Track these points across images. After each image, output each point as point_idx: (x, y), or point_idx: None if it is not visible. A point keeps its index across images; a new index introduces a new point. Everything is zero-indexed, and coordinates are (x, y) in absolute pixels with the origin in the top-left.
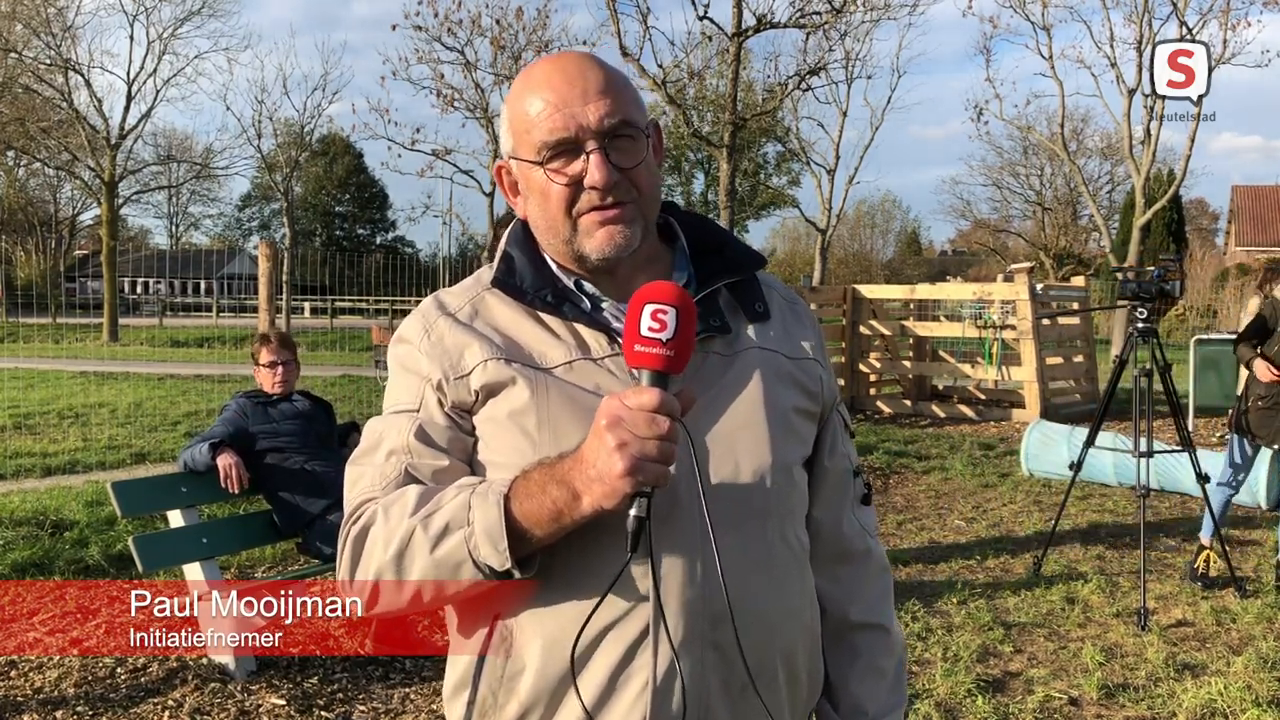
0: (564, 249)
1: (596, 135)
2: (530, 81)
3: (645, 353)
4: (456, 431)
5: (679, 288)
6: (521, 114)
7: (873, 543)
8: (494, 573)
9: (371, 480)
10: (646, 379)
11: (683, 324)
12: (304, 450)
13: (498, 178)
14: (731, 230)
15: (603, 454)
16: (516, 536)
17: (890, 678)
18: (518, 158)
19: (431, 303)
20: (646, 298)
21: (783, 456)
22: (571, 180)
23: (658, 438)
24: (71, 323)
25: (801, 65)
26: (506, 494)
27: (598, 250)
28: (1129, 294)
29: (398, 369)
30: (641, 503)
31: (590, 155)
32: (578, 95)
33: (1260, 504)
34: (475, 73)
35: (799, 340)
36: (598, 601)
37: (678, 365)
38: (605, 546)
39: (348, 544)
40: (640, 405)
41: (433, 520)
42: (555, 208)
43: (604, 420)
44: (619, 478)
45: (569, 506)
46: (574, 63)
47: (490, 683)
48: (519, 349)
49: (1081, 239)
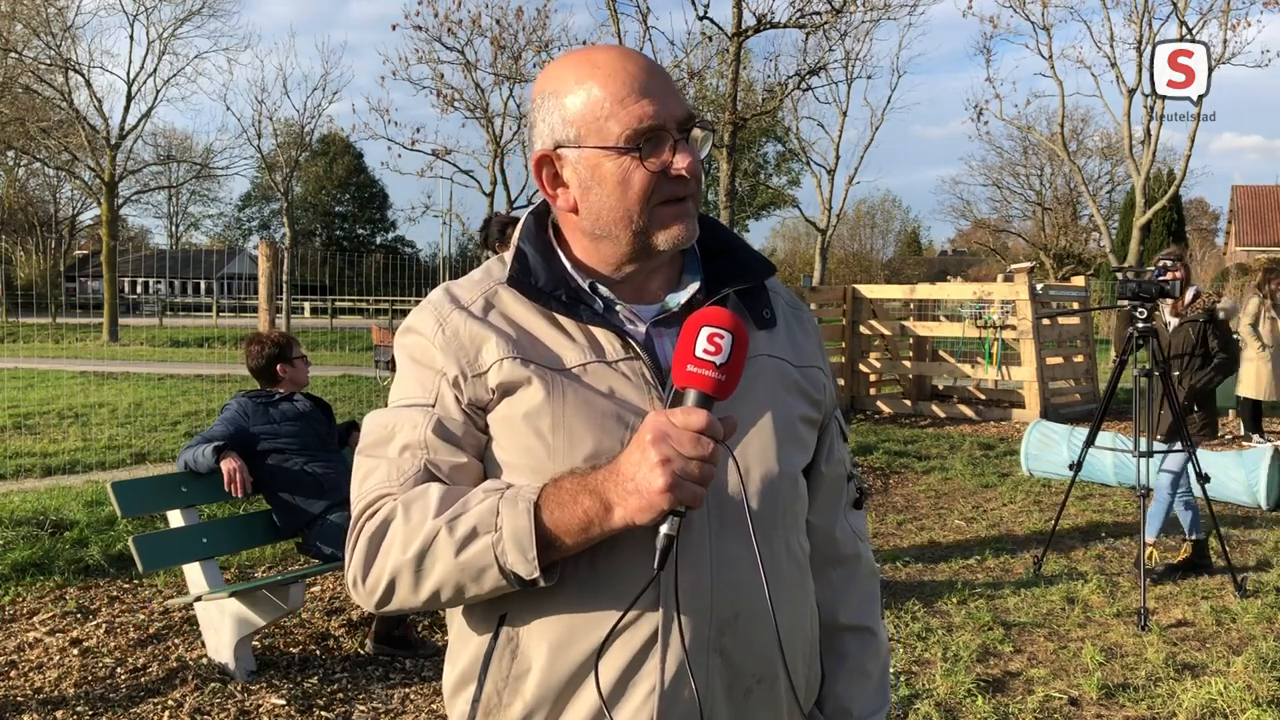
0: (628, 241)
1: (680, 125)
2: (598, 70)
3: (697, 374)
4: (472, 428)
5: (732, 314)
6: (593, 101)
7: (863, 547)
8: (519, 580)
9: (387, 474)
10: (693, 399)
11: (736, 351)
12: (305, 451)
13: (536, 169)
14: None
15: (644, 468)
16: (544, 545)
17: (875, 680)
18: (586, 146)
19: (443, 294)
20: (704, 320)
21: (789, 465)
22: (661, 167)
23: (700, 459)
24: (71, 323)
25: (801, 65)
26: (536, 501)
27: (670, 241)
28: (1129, 294)
29: (408, 361)
30: (674, 521)
31: (677, 144)
32: (661, 87)
33: (1260, 504)
34: (475, 73)
35: (804, 347)
36: (620, 615)
37: (727, 390)
38: (621, 555)
39: (361, 540)
40: (688, 425)
41: (458, 524)
42: (635, 196)
43: (649, 435)
44: (659, 493)
45: (600, 518)
46: (642, 56)
47: (496, 681)
48: (534, 348)
49: (1081, 239)
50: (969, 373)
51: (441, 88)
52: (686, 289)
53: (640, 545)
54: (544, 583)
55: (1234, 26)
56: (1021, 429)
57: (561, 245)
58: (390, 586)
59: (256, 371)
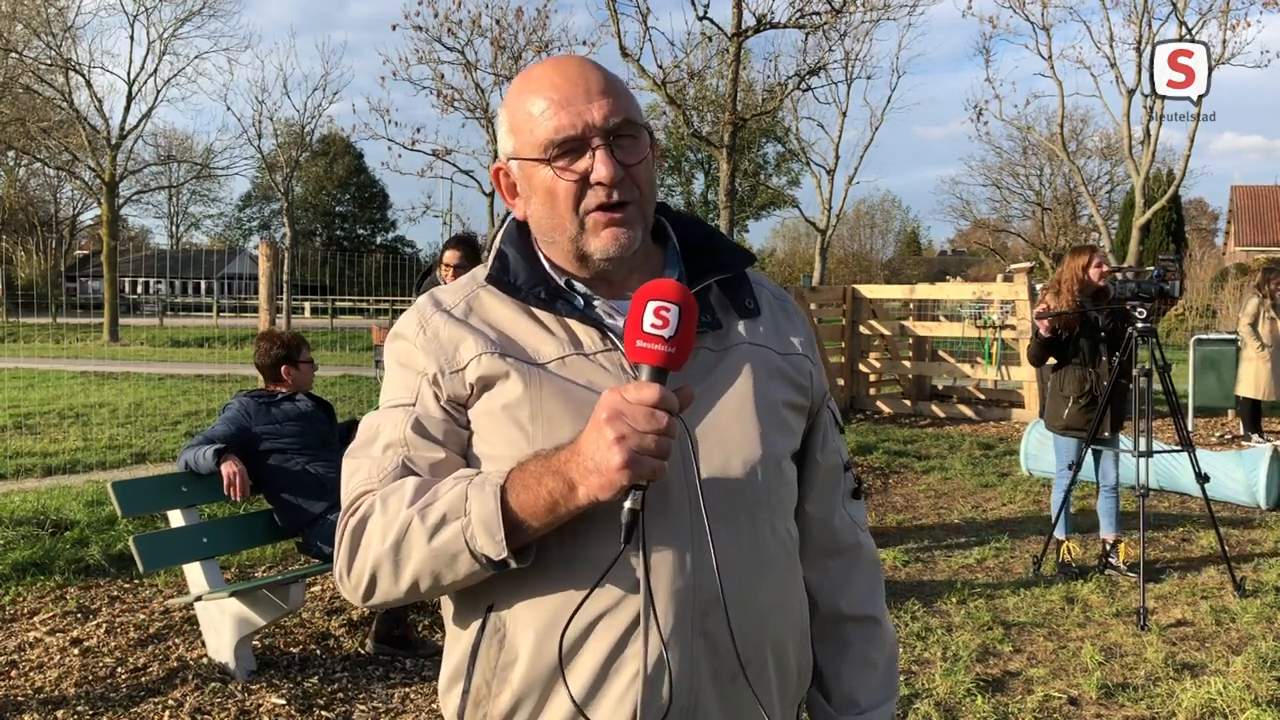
0: (569, 248)
1: (602, 132)
2: (531, 83)
3: (647, 349)
4: (452, 425)
5: (681, 286)
6: (524, 114)
7: (863, 536)
8: (491, 563)
9: (369, 472)
10: (646, 374)
11: (684, 322)
12: (306, 451)
13: (495, 180)
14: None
15: (601, 446)
16: (513, 527)
17: (881, 669)
18: (520, 158)
19: (427, 300)
20: (650, 294)
21: (772, 450)
22: (579, 177)
23: (656, 432)
24: (71, 323)
25: (801, 65)
26: (503, 484)
27: (602, 250)
28: (1128, 294)
29: (394, 365)
30: (636, 496)
31: (596, 151)
32: (581, 94)
33: (1260, 504)
34: (475, 73)
35: (788, 336)
36: (588, 592)
37: (678, 362)
38: (597, 536)
39: (345, 535)
40: (641, 400)
41: (430, 511)
42: (563, 205)
43: (604, 413)
44: (616, 470)
45: (565, 497)
46: (575, 64)
47: (484, 672)
48: (513, 344)
49: (1081, 239)
50: (969, 373)
51: (441, 88)
52: None
53: (617, 526)
54: (515, 564)
55: (1234, 26)
56: (1021, 429)
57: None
58: (373, 579)
59: (262, 368)
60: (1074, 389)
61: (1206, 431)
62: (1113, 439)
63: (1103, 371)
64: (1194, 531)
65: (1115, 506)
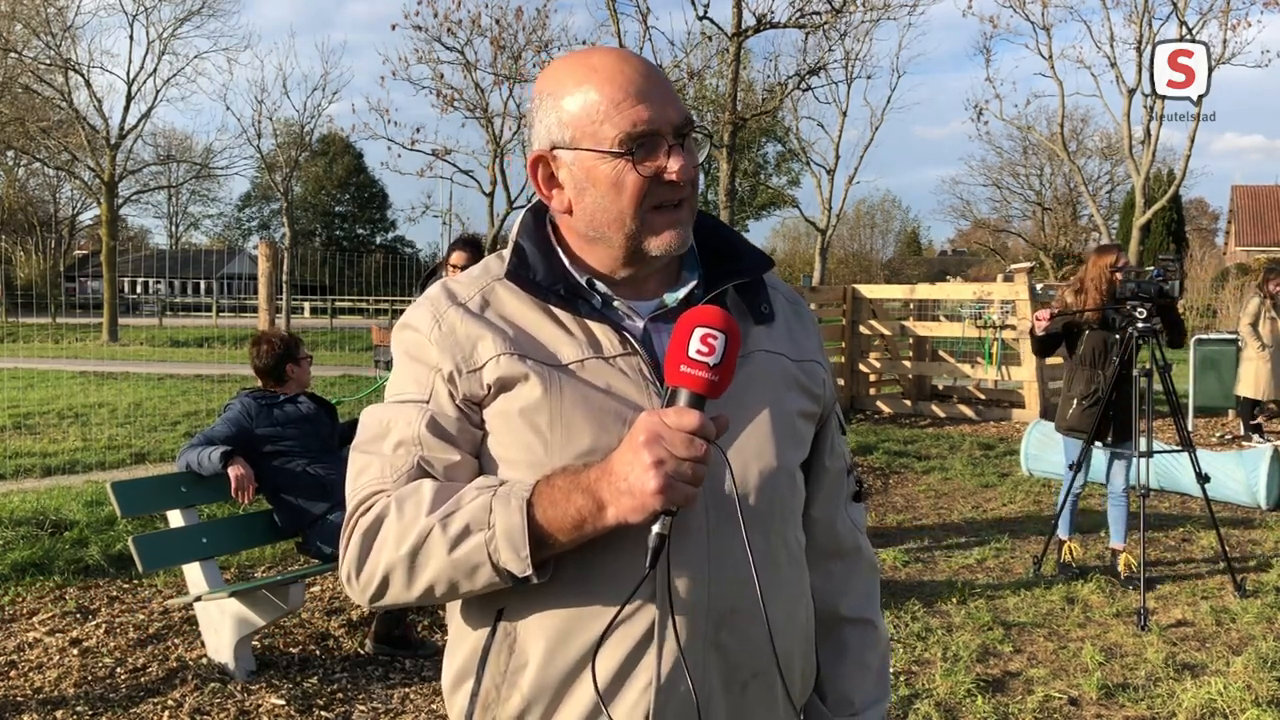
0: (621, 244)
1: (676, 130)
2: (595, 73)
3: (690, 374)
4: (466, 424)
5: (725, 313)
6: (589, 104)
7: (862, 540)
8: (512, 577)
9: (381, 471)
10: (685, 399)
11: (729, 350)
12: (308, 452)
13: (532, 169)
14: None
15: (637, 469)
16: (537, 542)
17: (875, 671)
18: (580, 148)
19: (440, 291)
20: (696, 320)
21: (787, 461)
22: (653, 172)
23: (693, 459)
24: (71, 323)
25: (801, 65)
26: (529, 498)
27: (661, 247)
28: (1128, 294)
29: (404, 357)
30: (666, 521)
31: (671, 148)
32: (657, 90)
33: (1260, 504)
34: (475, 73)
35: (803, 342)
36: (617, 611)
37: (719, 390)
38: (616, 552)
39: (355, 536)
40: (681, 426)
41: (452, 521)
42: (629, 199)
43: (642, 436)
44: (651, 494)
45: (593, 516)
46: (639, 60)
47: (494, 676)
48: (532, 344)
49: (1081, 239)
50: (969, 373)
51: (441, 88)
52: (684, 285)
53: (635, 541)
54: (537, 580)
55: (1234, 26)
56: (1021, 429)
57: (559, 242)
58: (384, 582)
59: (264, 371)
60: (1080, 390)
61: (1207, 432)
62: (1121, 444)
63: (1110, 373)
64: (1194, 532)
65: (1123, 514)
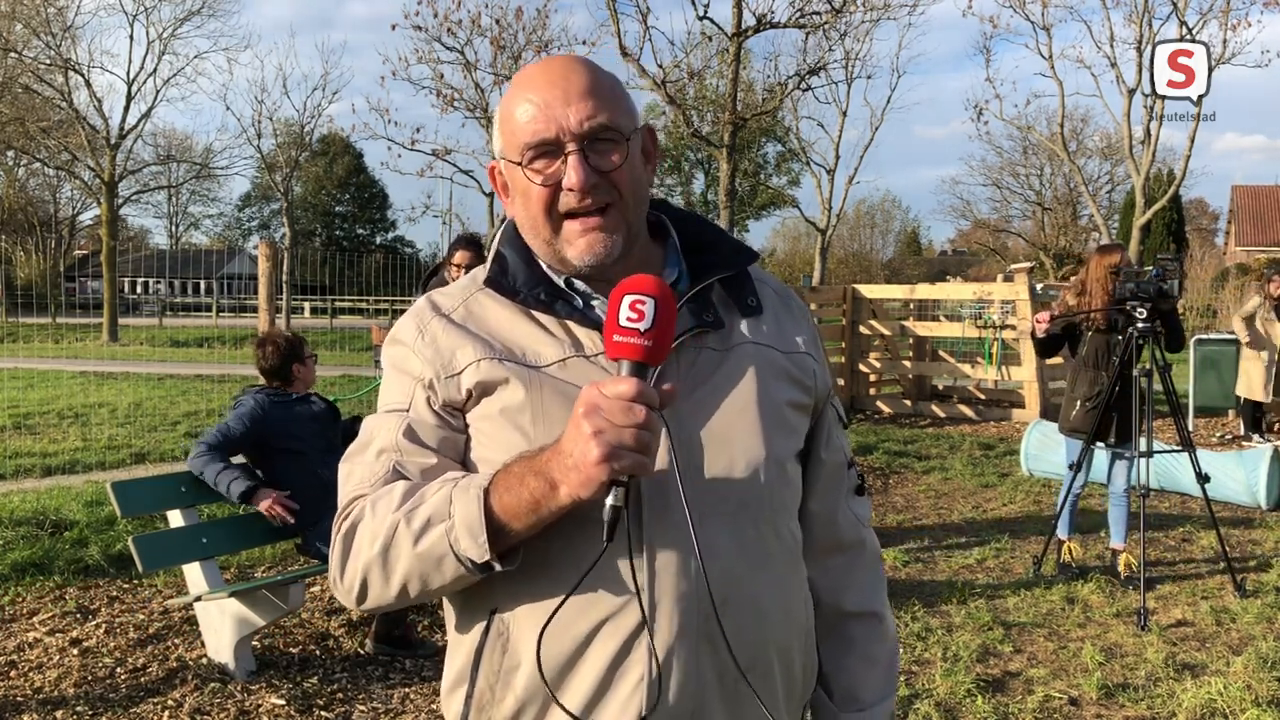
0: (547, 250)
1: (576, 137)
2: (519, 84)
3: (624, 343)
4: (447, 430)
5: (657, 279)
6: (508, 115)
7: (866, 533)
8: (475, 566)
9: (361, 477)
10: (625, 369)
11: (661, 314)
12: (314, 452)
13: (491, 178)
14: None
15: (579, 442)
16: (496, 529)
17: (883, 666)
18: (505, 158)
19: (425, 303)
20: (625, 289)
21: (776, 451)
22: (550, 181)
23: (634, 426)
24: (71, 323)
25: (801, 65)
26: (486, 487)
27: (578, 257)
28: (1128, 294)
29: (391, 370)
30: (619, 492)
31: (568, 157)
32: (559, 97)
33: (1260, 504)
34: (475, 73)
35: (792, 334)
36: (572, 587)
37: (656, 356)
38: (596, 540)
39: (338, 540)
40: (617, 394)
41: (415, 515)
42: (536, 209)
43: (581, 408)
44: (594, 465)
45: (546, 497)
46: (560, 66)
47: (488, 676)
48: (512, 347)
49: (1081, 239)
50: (969, 373)
51: (441, 88)
52: (666, 281)
53: (620, 533)
54: (500, 567)
55: (1234, 26)
56: (1021, 429)
57: None
58: (364, 583)
59: (270, 372)
60: (1084, 391)
61: (1207, 432)
62: (1121, 444)
63: (1111, 374)
64: (1194, 532)
65: (1124, 515)
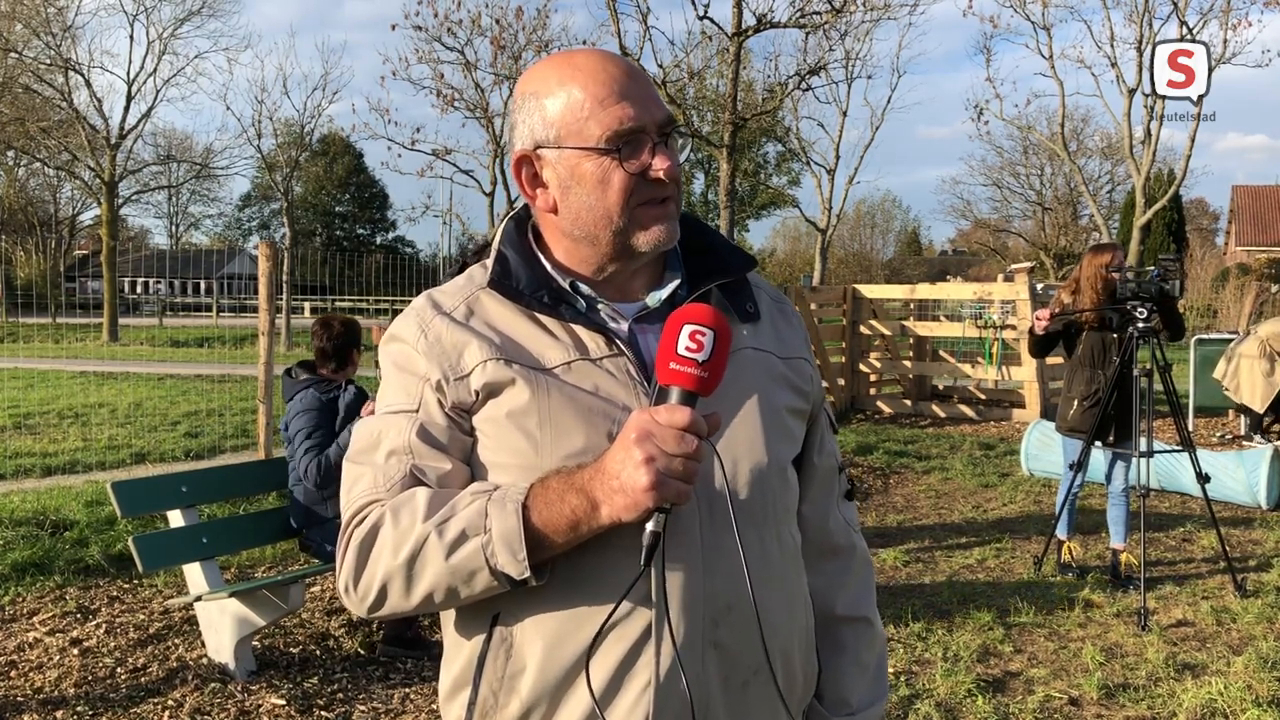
0: (609, 240)
1: (659, 129)
2: (580, 72)
3: (680, 371)
4: (456, 432)
5: (715, 310)
6: (574, 103)
7: (856, 537)
8: (510, 581)
9: (374, 481)
10: (676, 397)
11: (719, 347)
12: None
13: (516, 169)
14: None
15: (629, 466)
16: (533, 544)
17: (872, 670)
18: (565, 146)
19: (425, 301)
20: (685, 318)
21: (778, 457)
22: (640, 168)
23: (685, 456)
24: (71, 323)
25: (801, 65)
26: (524, 501)
27: (650, 243)
28: (1128, 294)
29: (392, 368)
30: (660, 518)
31: (657, 146)
32: (641, 88)
33: (1260, 504)
34: (475, 73)
35: (789, 339)
36: (611, 609)
37: (709, 387)
38: (611, 551)
39: (351, 546)
40: (671, 423)
41: (448, 527)
42: (615, 197)
43: (633, 433)
44: (643, 492)
45: (587, 516)
46: (623, 60)
47: (491, 682)
48: (518, 349)
49: (1081, 239)
50: (969, 373)
51: (441, 88)
52: (668, 286)
53: (631, 541)
54: (534, 582)
55: (1234, 26)
56: (1021, 429)
57: (542, 248)
58: (382, 592)
59: (328, 354)
60: (1081, 390)
61: (1207, 432)
62: (1121, 444)
63: (1111, 373)
64: (1195, 532)
65: (1124, 515)
